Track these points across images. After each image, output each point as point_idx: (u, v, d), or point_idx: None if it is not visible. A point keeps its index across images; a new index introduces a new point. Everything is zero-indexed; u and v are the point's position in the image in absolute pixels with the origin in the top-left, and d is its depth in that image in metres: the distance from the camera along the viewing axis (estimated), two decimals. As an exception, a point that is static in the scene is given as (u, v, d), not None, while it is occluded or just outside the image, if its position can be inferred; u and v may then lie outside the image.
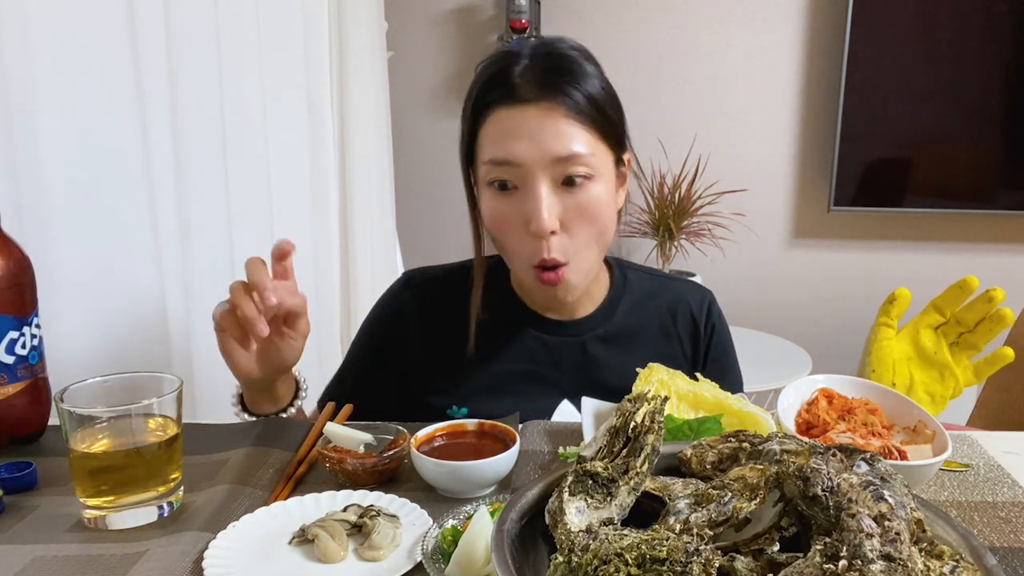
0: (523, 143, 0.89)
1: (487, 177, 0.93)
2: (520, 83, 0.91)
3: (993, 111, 2.65)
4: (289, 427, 0.94)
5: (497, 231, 0.96)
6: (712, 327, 1.12)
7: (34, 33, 1.06)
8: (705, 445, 0.62)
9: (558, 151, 0.89)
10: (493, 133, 0.92)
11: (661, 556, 0.46)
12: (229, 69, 1.39)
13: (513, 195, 0.92)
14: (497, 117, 0.92)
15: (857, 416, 0.82)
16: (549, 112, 0.90)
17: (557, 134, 0.89)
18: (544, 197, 0.90)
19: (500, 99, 0.92)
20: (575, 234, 0.93)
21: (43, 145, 1.09)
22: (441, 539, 0.65)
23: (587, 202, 0.92)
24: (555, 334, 1.07)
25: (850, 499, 0.47)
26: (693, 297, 1.12)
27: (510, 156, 0.90)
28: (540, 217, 0.89)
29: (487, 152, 0.92)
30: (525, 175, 0.90)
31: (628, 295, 1.10)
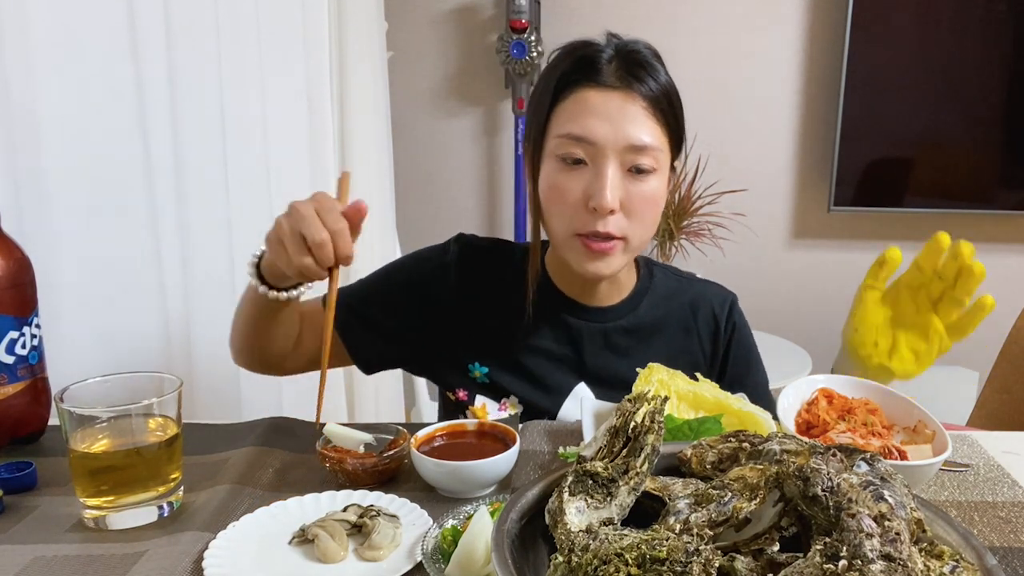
0: (603, 124, 0.93)
1: (558, 150, 0.96)
2: (607, 69, 0.96)
3: (993, 111, 2.65)
4: (290, 427, 0.94)
5: (554, 201, 0.98)
6: (733, 326, 1.14)
7: (34, 33, 1.06)
8: (705, 445, 0.62)
9: (633, 139, 0.93)
10: (574, 110, 0.95)
11: (661, 556, 0.46)
12: (229, 69, 1.39)
13: (580, 171, 0.95)
14: (581, 96, 0.95)
15: (857, 416, 0.82)
16: (631, 100, 0.94)
17: (635, 122, 0.94)
18: (611, 177, 0.93)
19: (586, 79, 0.95)
20: (632, 217, 0.96)
21: (43, 145, 1.09)
22: (441, 539, 0.65)
23: (647, 193, 0.96)
24: (580, 318, 1.09)
25: (850, 499, 0.47)
26: (716, 297, 1.15)
27: (588, 133, 0.93)
28: (604, 195, 0.92)
29: (564, 126, 0.96)
30: (597, 154, 0.94)
31: (653, 291, 1.13)
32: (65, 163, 1.12)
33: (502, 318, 1.08)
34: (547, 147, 0.99)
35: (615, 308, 1.10)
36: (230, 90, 1.40)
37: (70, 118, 1.12)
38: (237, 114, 1.42)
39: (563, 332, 1.08)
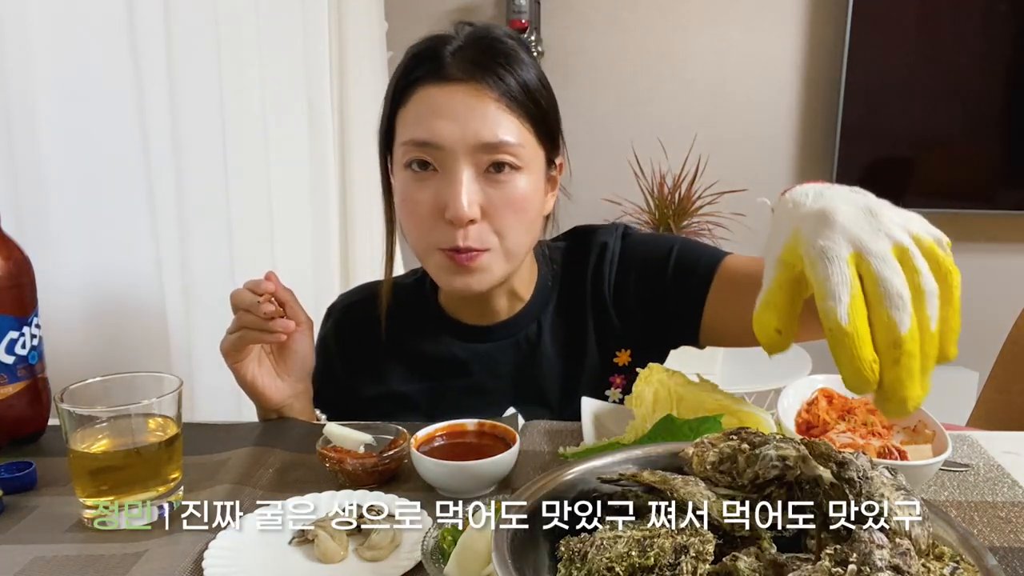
0: (448, 124, 0.84)
1: (405, 158, 0.87)
2: (450, 61, 0.85)
3: (993, 111, 2.65)
4: (290, 427, 0.94)
5: (409, 215, 0.89)
6: (613, 258, 1.00)
7: (34, 33, 1.06)
8: (707, 443, 0.61)
9: (484, 136, 0.84)
10: (416, 112, 0.86)
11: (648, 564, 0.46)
12: (229, 69, 1.39)
13: (431, 178, 0.86)
14: (422, 96, 0.86)
15: (857, 416, 0.82)
16: (478, 94, 0.84)
17: (485, 118, 0.84)
18: (464, 183, 0.84)
19: (426, 76, 0.86)
20: (496, 223, 0.87)
21: (43, 145, 1.09)
22: (441, 539, 0.65)
23: (512, 194, 0.86)
24: (485, 341, 1.01)
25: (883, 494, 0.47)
26: (596, 251, 1.01)
27: (432, 137, 0.84)
28: (459, 203, 0.83)
29: (408, 131, 0.86)
30: (446, 158, 0.85)
31: (556, 284, 1.03)
32: (65, 163, 1.12)
33: (404, 366, 1.03)
34: (395, 156, 0.90)
35: (517, 319, 1.00)
36: (230, 90, 1.40)
37: (70, 118, 1.12)
38: (237, 114, 1.42)
39: (474, 362, 1.00)
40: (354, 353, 1.06)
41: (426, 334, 1.03)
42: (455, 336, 1.02)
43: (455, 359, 1.01)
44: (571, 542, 0.52)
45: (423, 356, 1.03)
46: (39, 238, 1.07)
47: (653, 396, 0.86)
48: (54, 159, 1.10)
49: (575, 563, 0.50)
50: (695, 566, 0.47)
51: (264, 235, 1.54)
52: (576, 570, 0.49)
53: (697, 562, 0.48)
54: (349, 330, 1.07)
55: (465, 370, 1.01)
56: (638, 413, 0.84)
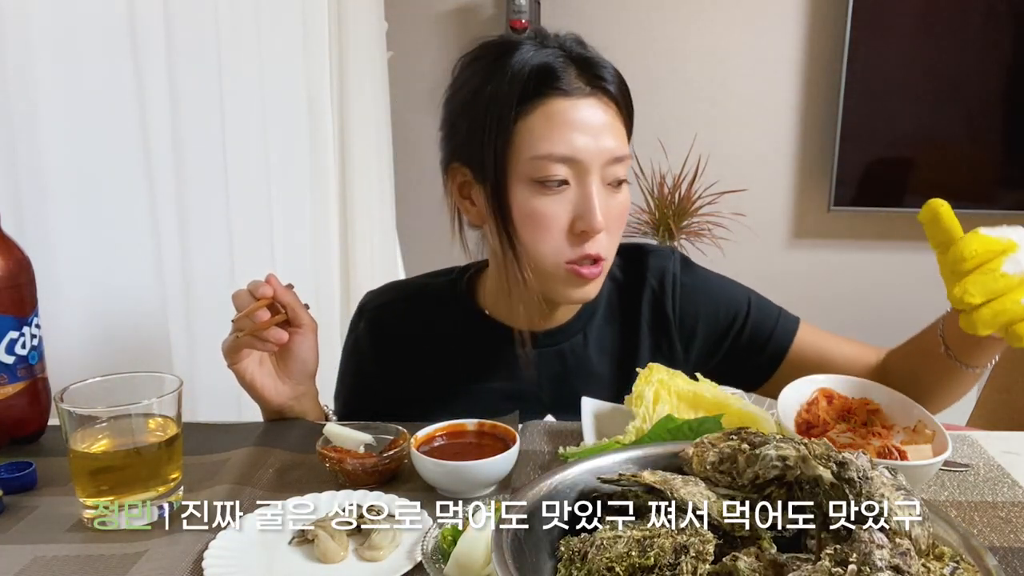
0: (585, 137, 0.84)
1: (536, 173, 0.85)
2: (568, 73, 0.85)
3: (993, 111, 2.65)
4: (290, 427, 0.94)
5: (538, 230, 0.87)
6: (676, 291, 1.03)
7: (34, 33, 1.06)
8: (707, 443, 0.62)
9: (615, 150, 0.86)
10: (546, 126, 0.84)
11: (648, 564, 0.46)
12: (229, 69, 1.39)
13: (560, 192, 0.86)
14: (548, 109, 0.85)
15: (857, 416, 0.82)
16: (604, 107, 0.86)
17: (612, 131, 0.86)
18: (599, 196, 0.86)
19: (550, 90, 0.85)
20: (612, 233, 0.91)
21: (43, 145, 1.09)
22: (441, 539, 0.65)
23: (623, 205, 0.91)
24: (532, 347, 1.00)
25: (883, 494, 0.47)
26: (655, 275, 1.03)
27: (573, 151, 0.84)
28: (596, 216, 0.85)
29: (540, 145, 0.84)
30: (582, 172, 0.85)
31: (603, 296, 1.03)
32: (65, 163, 1.12)
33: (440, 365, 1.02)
34: (515, 171, 0.87)
35: (567, 326, 1.01)
36: (230, 90, 1.40)
37: (70, 118, 1.12)
38: (237, 114, 1.42)
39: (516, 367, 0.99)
40: (390, 354, 1.04)
41: (468, 337, 1.02)
42: (500, 341, 1.00)
43: (499, 363, 1.01)
44: (571, 542, 0.52)
45: (464, 359, 1.02)
46: (39, 238, 1.07)
47: (653, 396, 0.86)
48: (54, 159, 1.10)
49: (575, 563, 0.50)
50: (695, 566, 0.47)
51: (264, 235, 1.54)
52: (576, 570, 0.50)
53: (697, 562, 0.48)
54: (383, 331, 1.05)
55: (507, 375, 1.01)
56: (638, 413, 0.84)
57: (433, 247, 2.84)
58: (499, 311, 1.02)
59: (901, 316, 2.92)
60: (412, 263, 2.57)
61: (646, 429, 0.81)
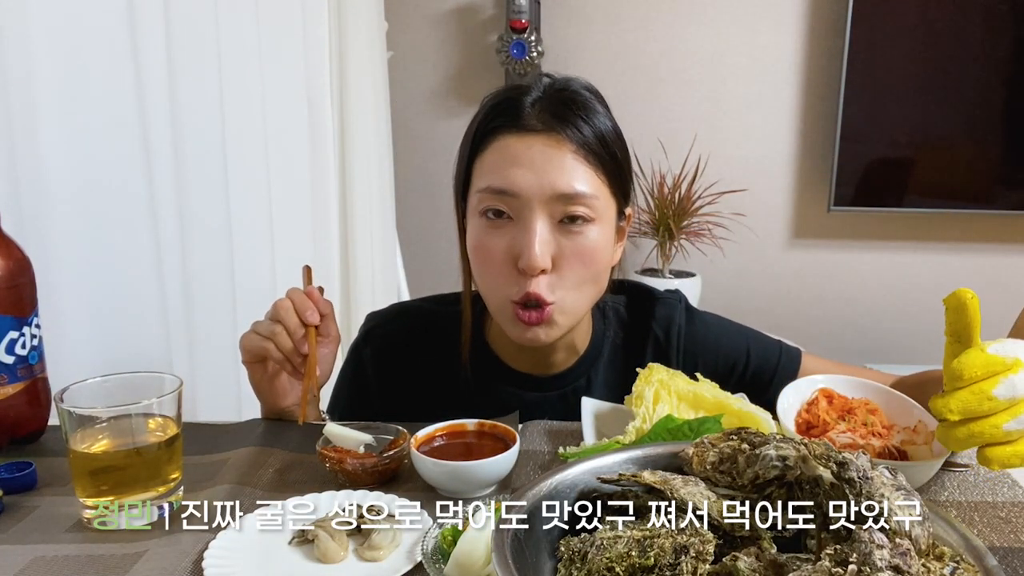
0: (525, 173, 0.84)
1: (480, 205, 0.88)
2: (529, 112, 0.87)
3: (993, 111, 2.65)
4: (290, 427, 0.94)
5: (481, 263, 0.90)
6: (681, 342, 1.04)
7: (34, 33, 1.06)
8: (707, 443, 0.62)
9: (561, 187, 0.84)
10: (494, 160, 0.87)
11: (648, 564, 0.46)
12: (229, 69, 1.39)
13: (505, 227, 0.87)
14: (501, 144, 0.87)
15: (857, 416, 0.82)
16: (557, 145, 0.85)
17: (562, 169, 0.85)
18: (539, 232, 0.84)
19: (505, 125, 0.87)
20: (565, 275, 0.87)
21: (43, 145, 1.09)
22: (441, 539, 0.65)
23: (583, 245, 0.87)
24: (535, 390, 1.01)
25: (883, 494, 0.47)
26: (660, 324, 1.05)
27: (509, 185, 0.85)
28: (532, 253, 0.83)
29: (485, 179, 0.87)
30: (522, 207, 0.85)
31: (609, 340, 1.04)
32: (65, 163, 1.12)
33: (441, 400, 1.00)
34: (470, 204, 0.90)
35: (570, 371, 1.01)
36: (230, 90, 1.40)
37: (70, 118, 1.12)
38: (237, 114, 1.42)
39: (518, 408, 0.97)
40: (392, 382, 1.04)
41: (473, 376, 1.01)
42: (505, 382, 1.01)
43: (502, 405, 0.99)
44: (571, 542, 0.52)
45: (464, 394, 1.01)
46: (39, 238, 1.07)
47: (653, 396, 0.86)
48: (54, 159, 1.10)
49: (575, 563, 0.50)
50: (695, 566, 0.47)
51: (264, 235, 1.54)
52: (576, 570, 0.50)
53: (697, 562, 0.48)
54: (388, 359, 1.04)
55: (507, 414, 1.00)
56: (638, 413, 0.84)
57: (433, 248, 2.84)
58: (503, 351, 1.02)
59: (901, 316, 2.93)
60: (412, 264, 2.57)
61: (646, 429, 0.81)
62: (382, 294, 2.10)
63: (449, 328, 1.02)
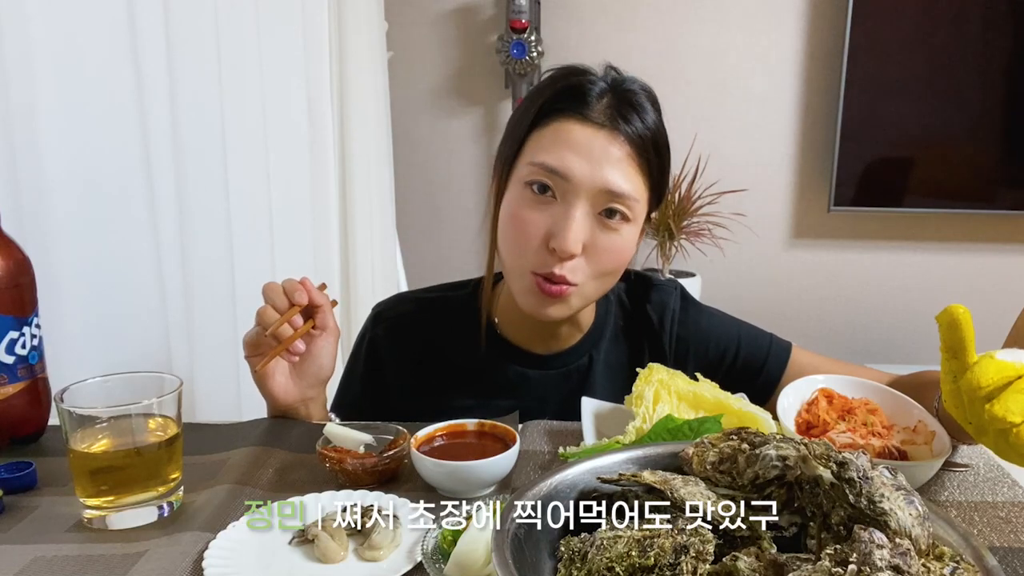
0: (581, 160, 0.87)
1: (528, 176, 0.90)
2: (596, 104, 0.89)
3: (993, 111, 2.65)
4: (290, 427, 0.94)
5: (513, 232, 0.92)
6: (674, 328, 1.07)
7: (34, 33, 1.06)
8: (707, 444, 0.62)
9: (611, 183, 0.88)
10: (553, 139, 0.89)
11: (649, 564, 0.46)
12: (229, 70, 1.39)
13: (548, 204, 0.89)
14: (563, 127, 0.89)
15: (857, 416, 0.82)
16: (615, 142, 0.88)
17: (617, 166, 0.88)
18: (578, 219, 0.87)
19: (571, 110, 0.89)
20: (592, 264, 0.90)
21: (43, 145, 1.09)
22: (441, 539, 0.65)
23: (615, 241, 0.90)
24: (539, 368, 1.04)
25: (883, 494, 0.48)
26: (655, 309, 1.08)
27: (564, 167, 0.87)
28: (568, 236, 0.87)
29: (540, 154, 0.89)
30: (569, 191, 0.88)
31: (610, 322, 1.07)
32: (65, 163, 1.12)
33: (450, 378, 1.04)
34: (516, 172, 0.92)
35: (574, 350, 1.04)
36: (230, 91, 1.40)
37: (70, 118, 1.12)
38: (237, 115, 1.42)
39: (523, 386, 1.03)
40: (404, 363, 1.06)
41: (479, 353, 1.04)
42: (509, 360, 1.04)
43: (507, 382, 1.03)
44: (571, 542, 0.52)
45: (474, 374, 1.04)
46: (39, 238, 1.07)
47: (653, 396, 0.86)
48: (54, 159, 1.10)
49: (575, 563, 0.50)
50: (695, 566, 0.47)
51: (264, 235, 1.54)
52: (576, 570, 0.50)
53: (697, 562, 0.48)
54: (400, 339, 1.06)
55: (515, 393, 1.03)
56: (638, 413, 0.84)
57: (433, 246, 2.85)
58: (509, 329, 1.05)
59: (901, 316, 2.93)
60: (412, 263, 2.57)
61: (646, 429, 0.81)
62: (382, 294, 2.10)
63: (456, 310, 1.05)
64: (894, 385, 0.95)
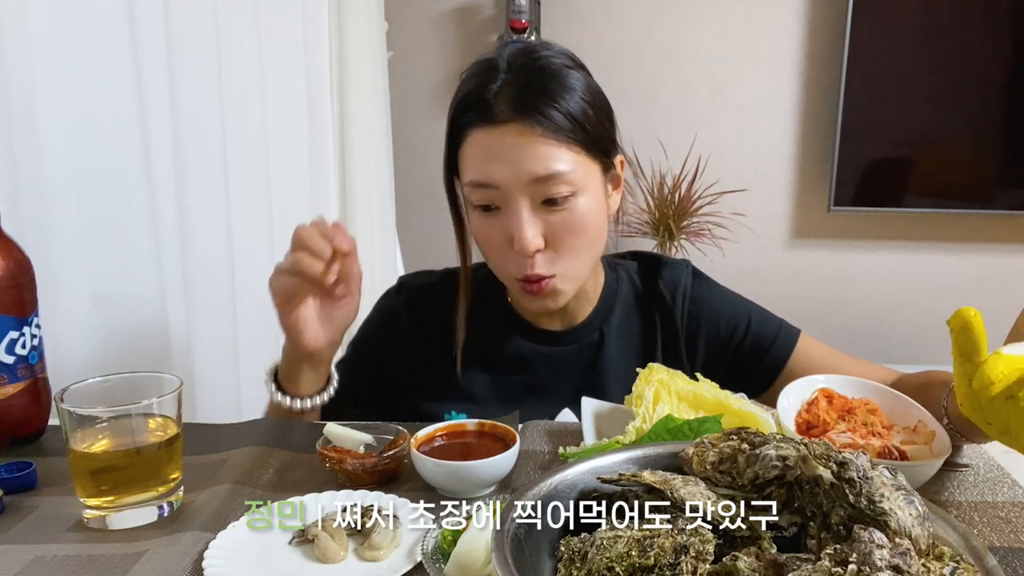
0: (500, 166, 0.88)
1: (471, 198, 0.94)
2: (495, 103, 0.89)
3: (993, 111, 2.65)
4: (290, 427, 0.94)
5: (486, 249, 0.97)
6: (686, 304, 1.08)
7: (34, 33, 1.06)
8: (707, 444, 0.62)
9: (536, 171, 0.88)
10: (471, 155, 0.92)
11: (649, 564, 0.46)
12: (229, 69, 1.39)
13: (497, 215, 0.92)
14: (474, 139, 0.91)
15: (857, 416, 0.82)
16: (524, 133, 0.88)
17: (534, 155, 0.88)
18: (525, 218, 0.89)
19: (476, 120, 0.90)
20: (561, 249, 0.92)
21: (43, 144, 1.09)
22: (441, 539, 0.65)
23: (571, 218, 0.91)
24: (552, 344, 1.06)
25: (883, 494, 0.47)
26: (667, 286, 1.09)
27: (488, 179, 0.90)
28: (523, 237, 0.89)
29: (467, 174, 0.93)
30: (505, 197, 0.90)
31: (622, 295, 1.09)
32: (65, 163, 1.12)
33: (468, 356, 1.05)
34: (464, 194, 0.96)
35: (585, 325, 1.06)
36: (230, 90, 1.40)
37: (70, 118, 1.12)
38: (237, 115, 1.42)
39: (538, 361, 1.06)
40: (422, 330, 1.08)
41: (495, 330, 1.07)
42: (524, 336, 1.06)
43: (522, 358, 1.06)
44: (571, 542, 0.52)
45: (490, 350, 1.06)
46: (39, 238, 1.07)
47: (653, 396, 0.86)
48: (54, 159, 1.10)
49: (575, 563, 0.50)
50: (695, 566, 0.47)
51: (264, 235, 1.54)
52: (576, 570, 0.50)
53: (697, 562, 0.48)
54: (422, 309, 1.08)
55: (530, 369, 1.06)
56: (638, 413, 0.84)
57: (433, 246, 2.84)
58: (522, 308, 1.07)
59: (901, 316, 2.93)
60: (412, 263, 2.57)
61: (646, 429, 0.81)
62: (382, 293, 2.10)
63: (476, 288, 1.07)
64: (899, 383, 0.95)
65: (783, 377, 1.04)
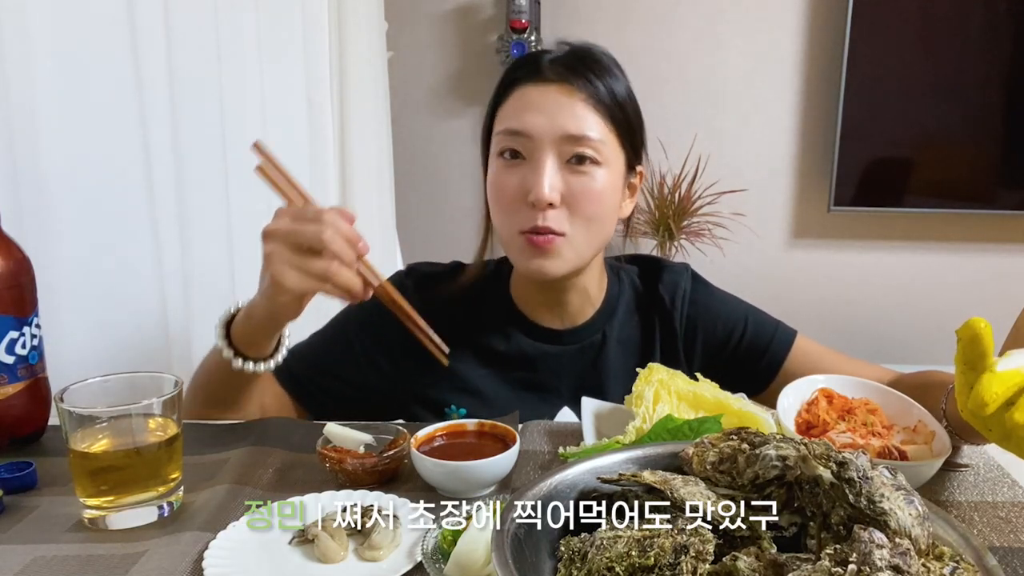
0: (538, 116, 0.93)
1: (498, 147, 0.96)
2: (547, 66, 0.95)
3: (993, 111, 2.65)
4: (290, 427, 0.94)
5: (496, 199, 0.97)
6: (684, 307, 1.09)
7: (34, 33, 1.06)
8: (707, 444, 0.62)
9: (570, 129, 0.92)
10: (512, 106, 0.96)
11: (649, 564, 0.46)
12: (229, 69, 1.39)
13: (519, 166, 0.94)
14: (520, 92, 0.96)
15: (857, 416, 0.82)
16: (568, 92, 0.93)
17: (573, 113, 0.93)
18: (548, 169, 0.92)
19: (525, 77, 0.96)
20: (574, 211, 0.94)
21: (43, 146, 1.09)
22: (441, 539, 0.65)
23: (590, 185, 0.94)
24: (554, 343, 1.06)
25: (883, 494, 0.48)
26: (667, 289, 1.10)
27: (523, 127, 0.93)
28: (541, 187, 0.91)
29: (503, 123, 0.96)
30: (534, 147, 0.93)
31: (624, 298, 1.10)
32: (65, 163, 1.12)
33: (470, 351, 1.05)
34: (491, 148, 0.99)
35: (588, 325, 1.07)
36: (230, 90, 1.40)
37: (70, 118, 1.12)
38: (237, 114, 1.42)
39: (539, 359, 1.06)
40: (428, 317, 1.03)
41: (497, 326, 1.08)
42: (527, 333, 1.07)
43: (523, 355, 1.07)
44: (571, 542, 0.52)
45: (492, 345, 1.07)
46: (39, 238, 1.07)
47: (653, 396, 0.86)
48: (54, 159, 1.10)
49: (575, 563, 0.50)
50: (695, 566, 0.47)
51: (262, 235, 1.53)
52: (576, 570, 0.50)
53: (697, 562, 0.48)
54: (428, 293, 1.09)
55: (531, 366, 1.06)
56: (638, 413, 0.84)
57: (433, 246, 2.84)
58: (525, 305, 1.08)
59: (901, 316, 2.93)
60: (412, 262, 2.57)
61: (646, 429, 0.81)
62: (382, 294, 2.10)
63: (482, 284, 1.09)
64: (898, 383, 0.95)
65: (780, 378, 1.05)
